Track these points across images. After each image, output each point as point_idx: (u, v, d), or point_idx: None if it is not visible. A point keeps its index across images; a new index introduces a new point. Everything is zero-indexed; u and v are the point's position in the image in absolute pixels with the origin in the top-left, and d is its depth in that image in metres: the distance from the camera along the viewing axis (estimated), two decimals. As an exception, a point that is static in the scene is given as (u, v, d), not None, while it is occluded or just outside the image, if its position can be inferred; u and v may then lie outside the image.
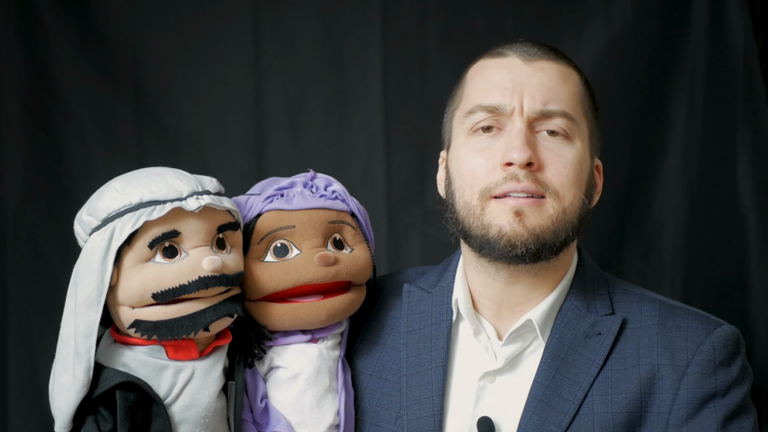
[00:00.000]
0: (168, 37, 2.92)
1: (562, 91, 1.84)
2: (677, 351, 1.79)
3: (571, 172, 1.81)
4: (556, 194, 1.80)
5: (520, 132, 1.79)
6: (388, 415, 1.90)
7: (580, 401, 1.79)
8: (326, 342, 1.91)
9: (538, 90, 1.82)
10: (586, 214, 1.86)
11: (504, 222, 1.79)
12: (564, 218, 1.81)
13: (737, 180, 2.77)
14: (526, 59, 1.85)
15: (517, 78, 1.83)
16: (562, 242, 1.82)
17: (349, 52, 2.92)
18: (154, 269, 1.73)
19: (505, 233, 1.78)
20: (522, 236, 1.78)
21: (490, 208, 1.81)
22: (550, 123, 1.81)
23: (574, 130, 1.83)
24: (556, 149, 1.82)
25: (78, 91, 2.89)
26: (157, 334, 1.74)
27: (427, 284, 2.02)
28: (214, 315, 1.76)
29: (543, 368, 1.83)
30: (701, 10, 2.77)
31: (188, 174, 1.82)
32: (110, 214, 1.73)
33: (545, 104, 1.81)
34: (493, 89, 1.84)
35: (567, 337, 1.84)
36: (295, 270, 1.86)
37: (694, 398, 1.76)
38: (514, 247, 1.78)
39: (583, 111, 1.87)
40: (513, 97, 1.81)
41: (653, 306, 1.88)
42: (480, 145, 1.84)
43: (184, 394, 1.76)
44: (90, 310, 1.70)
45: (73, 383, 1.69)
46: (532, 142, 1.80)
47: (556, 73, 1.86)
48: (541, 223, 1.79)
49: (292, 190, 1.92)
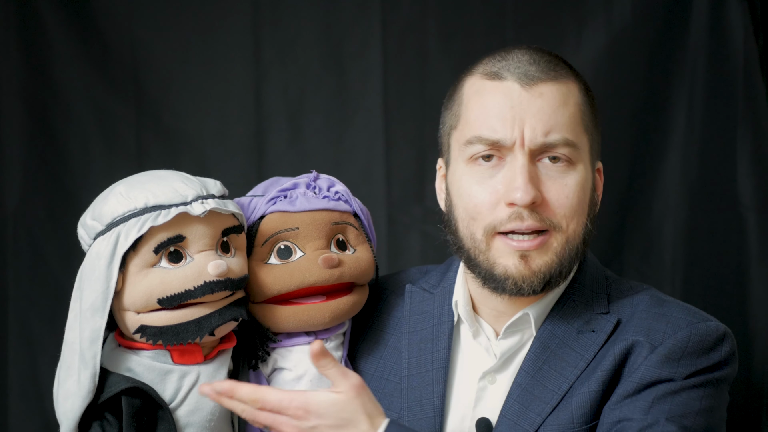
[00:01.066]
0: (168, 37, 2.91)
1: (563, 115, 1.81)
2: (654, 332, 1.78)
3: (574, 201, 1.80)
4: (560, 227, 1.80)
5: (522, 169, 1.77)
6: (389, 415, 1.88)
7: (564, 393, 1.79)
8: (329, 343, 1.91)
9: (539, 119, 1.78)
10: (589, 235, 1.86)
11: (509, 263, 1.79)
12: (568, 247, 1.81)
13: (737, 180, 2.77)
14: (524, 84, 1.80)
15: (516, 107, 1.79)
16: (567, 270, 1.83)
17: (349, 52, 2.92)
18: (160, 274, 1.72)
19: (511, 275, 1.79)
20: (528, 278, 1.78)
21: (495, 245, 1.80)
22: (551, 152, 1.79)
23: (576, 155, 1.81)
24: (558, 178, 1.80)
25: (78, 91, 2.88)
26: (162, 340, 1.73)
27: (430, 285, 2.01)
28: (220, 319, 1.75)
29: (530, 357, 1.83)
30: (701, 10, 2.77)
31: (192, 177, 1.81)
32: (115, 218, 1.72)
33: (546, 134, 1.78)
34: (492, 119, 1.80)
35: (559, 331, 1.84)
36: (300, 272, 1.85)
37: (649, 377, 1.73)
38: (521, 288, 1.79)
39: (584, 128, 1.84)
40: (513, 128, 1.78)
41: (644, 298, 1.87)
42: (481, 175, 1.82)
43: (190, 398, 1.76)
44: (95, 316, 1.69)
45: (79, 389, 1.68)
46: (535, 176, 1.78)
47: (557, 96, 1.81)
48: (546, 260, 1.79)
49: (295, 191, 1.92)
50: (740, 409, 2.67)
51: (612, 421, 1.72)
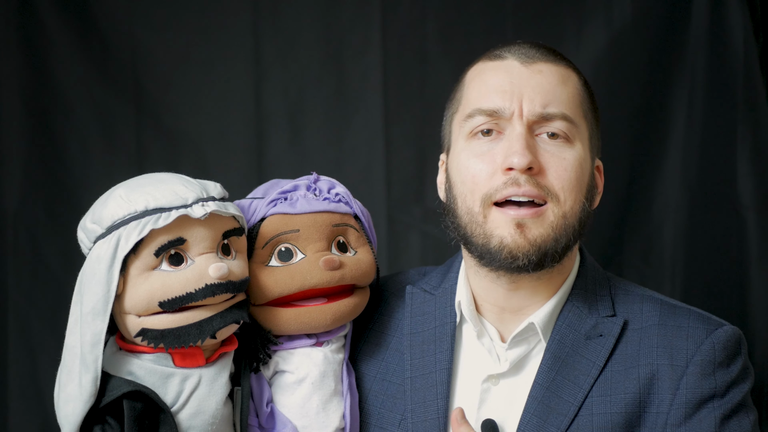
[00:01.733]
0: (168, 37, 2.92)
1: (562, 93, 1.83)
2: (677, 351, 1.78)
3: (572, 175, 1.80)
4: (557, 198, 1.79)
5: (520, 136, 1.78)
6: (392, 417, 1.90)
7: (580, 403, 1.78)
8: (331, 345, 1.91)
9: (538, 92, 1.81)
10: (587, 217, 1.85)
11: (505, 233, 1.78)
12: (564, 223, 1.80)
13: (737, 180, 2.77)
14: (524, 61, 1.84)
15: (516, 81, 1.82)
16: (563, 248, 1.81)
17: (349, 52, 2.92)
18: (161, 277, 1.71)
19: (507, 245, 1.78)
20: (524, 248, 1.77)
21: (492, 216, 1.80)
22: (549, 126, 1.80)
23: (574, 132, 1.82)
24: (556, 152, 1.80)
25: (78, 91, 2.89)
26: (164, 343, 1.72)
27: (430, 286, 2.00)
28: (221, 322, 1.74)
29: (543, 369, 1.82)
30: (701, 10, 2.78)
31: (192, 180, 1.80)
32: (115, 221, 1.71)
33: (545, 107, 1.80)
34: (491, 92, 1.82)
35: (568, 339, 1.84)
36: (301, 274, 1.85)
37: (693, 398, 1.75)
38: (516, 258, 1.77)
39: (582, 113, 1.86)
40: (512, 100, 1.80)
41: (654, 306, 1.87)
42: (480, 149, 1.83)
43: (192, 401, 1.75)
44: (96, 320, 1.68)
45: (80, 393, 1.67)
46: (533, 145, 1.79)
47: (556, 74, 1.84)
48: (542, 232, 1.78)
49: (295, 193, 1.91)
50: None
51: None
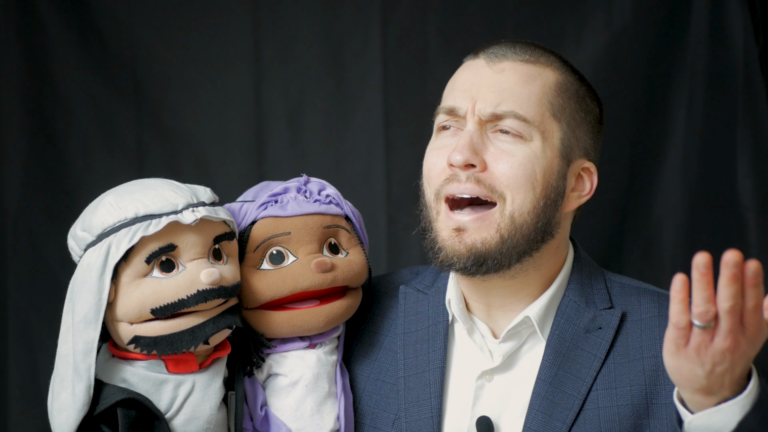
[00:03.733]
0: (168, 37, 2.92)
1: (520, 93, 1.80)
2: None
3: (519, 171, 1.77)
4: (503, 197, 1.77)
5: (466, 133, 1.78)
6: (386, 417, 1.90)
7: (584, 396, 1.78)
8: (324, 347, 1.90)
9: (491, 92, 1.80)
10: (549, 218, 1.82)
11: (446, 236, 1.80)
12: (512, 224, 1.78)
13: (737, 180, 2.77)
14: (491, 61, 1.83)
15: (476, 80, 1.82)
16: (516, 251, 1.79)
17: (349, 52, 2.92)
18: (152, 284, 1.70)
19: (444, 247, 1.80)
20: (458, 252, 1.78)
21: (441, 215, 1.82)
22: (501, 124, 1.80)
23: (527, 131, 1.80)
24: (506, 148, 1.79)
25: (78, 91, 2.89)
26: (157, 350, 1.71)
27: (423, 285, 2.00)
28: (214, 328, 1.74)
29: (545, 365, 1.82)
30: (701, 10, 2.77)
31: (182, 185, 1.79)
32: (105, 229, 1.70)
33: (496, 106, 1.79)
34: (455, 91, 1.85)
35: (567, 333, 1.84)
36: (293, 277, 1.84)
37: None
38: (452, 263, 1.79)
39: (550, 113, 1.82)
40: (467, 99, 1.81)
41: (652, 298, 1.86)
42: (440, 143, 1.85)
43: (186, 407, 1.75)
44: (88, 328, 1.68)
45: (74, 402, 1.67)
46: (478, 143, 1.78)
47: (519, 74, 1.82)
48: (483, 236, 1.77)
49: (285, 195, 1.90)
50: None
51: None
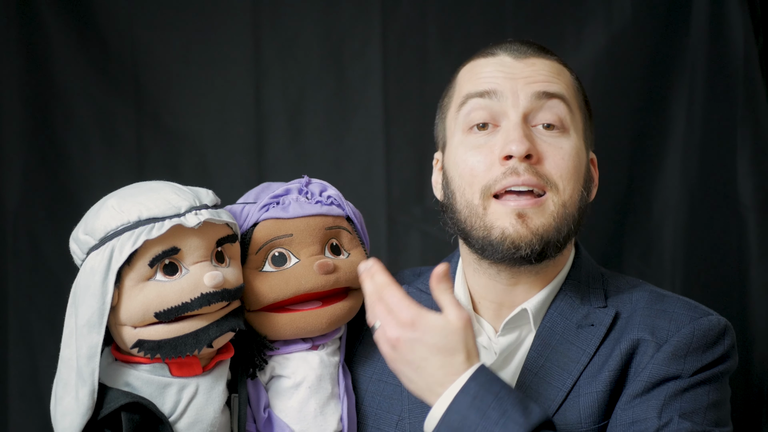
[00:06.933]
0: (168, 37, 2.91)
1: (558, 80, 1.85)
2: (659, 330, 1.78)
3: (570, 163, 1.81)
4: (556, 187, 1.79)
5: (516, 125, 1.79)
6: (389, 418, 1.90)
7: (569, 389, 1.79)
8: (326, 348, 1.91)
9: (533, 81, 1.82)
10: (585, 207, 1.86)
11: (507, 224, 1.78)
12: (565, 212, 1.80)
13: (737, 180, 2.76)
14: (516, 56, 1.85)
15: (508, 71, 1.83)
16: (565, 237, 1.81)
17: (349, 52, 2.92)
18: (156, 288, 1.70)
19: (509, 235, 1.78)
20: (526, 238, 1.77)
21: (492, 208, 1.80)
22: (546, 111, 1.81)
23: (569, 119, 1.83)
24: (553, 142, 1.81)
25: (78, 91, 2.88)
26: (160, 353, 1.71)
27: (426, 286, 1.99)
28: (217, 331, 1.74)
29: (533, 356, 1.83)
30: (701, 10, 2.77)
31: (184, 188, 1.79)
32: (108, 233, 1.70)
33: (545, 87, 1.81)
34: (484, 77, 1.84)
35: (559, 327, 1.84)
36: (295, 279, 1.85)
37: (657, 375, 1.74)
38: (519, 248, 1.77)
39: (578, 104, 1.87)
40: (505, 86, 1.81)
41: (644, 294, 1.88)
42: (477, 141, 1.83)
43: (189, 410, 1.75)
44: (92, 333, 1.67)
45: (77, 406, 1.66)
46: (530, 134, 1.80)
47: (548, 67, 1.86)
48: (543, 222, 1.78)
49: (287, 197, 1.90)
50: (740, 409, 2.66)
51: (626, 422, 1.72)
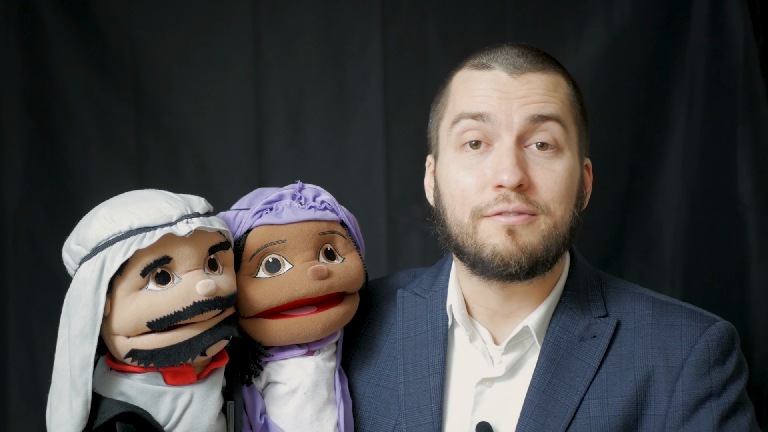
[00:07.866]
0: (168, 37, 2.92)
1: (553, 99, 1.81)
2: (671, 351, 1.78)
3: (562, 186, 1.79)
4: (548, 211, 1.78)
5: (509, 151, 1.76)
6: (386, 422, 1.89)
7: (577, 405, 1.78)
8: (322, 354, 1.90)
9: (527, 101, 1.79)
10: (576, 225, 1.84)
11: (497, 241, 1.77)
12: (555, 232, 1.79)
13: (737, 180, 2.77)
14: (512, 72, 1.80)
15: (503, 90, 1.79)
16: (554, 256, 1.81)
17: (349, 52, 2.92)
18: (148, 297, 1.69)
19: (499, 252, 1.77)
20: (515, 255, 1.77)
21: (482, 226, 1.79)
22: (540, 132, 1.79)
23: (564, 139, 1.80)
24: (546, 164, 1.79)
25: (78, 91, 2.89)
26: (154, 362, 1.70)
27: (421, 289, 2.00)
28: (211, 339, 1.73)
29: (539, 373, 1.82)
30: (701, 9, 2.77)
31: (176, 196, 1.77)
32: (99, 243, 1.69)
33: (539, 110, 1.78)
34: (477, 98, 1.80)
35: (562, 341, 1.84)
36: (289, 285, 1.84)
37: (690, 400, 1.75)
38: (508, 266, 1.77)
39: (573, 117, 1.84)
40: (500, 108, 1.78)
41: (646, 304, 1.87)
42: (469, 161, 1.81)
43: (185, 419, 1.73)
44: (85, 343, 1.66)
45: (71, 417, 1.66)
46: (522, 160, 1.78)
47: (545, 82, 1.81)
48: (533, 240, 1.77)
49: (280, 203, 1.89)
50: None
51: None
